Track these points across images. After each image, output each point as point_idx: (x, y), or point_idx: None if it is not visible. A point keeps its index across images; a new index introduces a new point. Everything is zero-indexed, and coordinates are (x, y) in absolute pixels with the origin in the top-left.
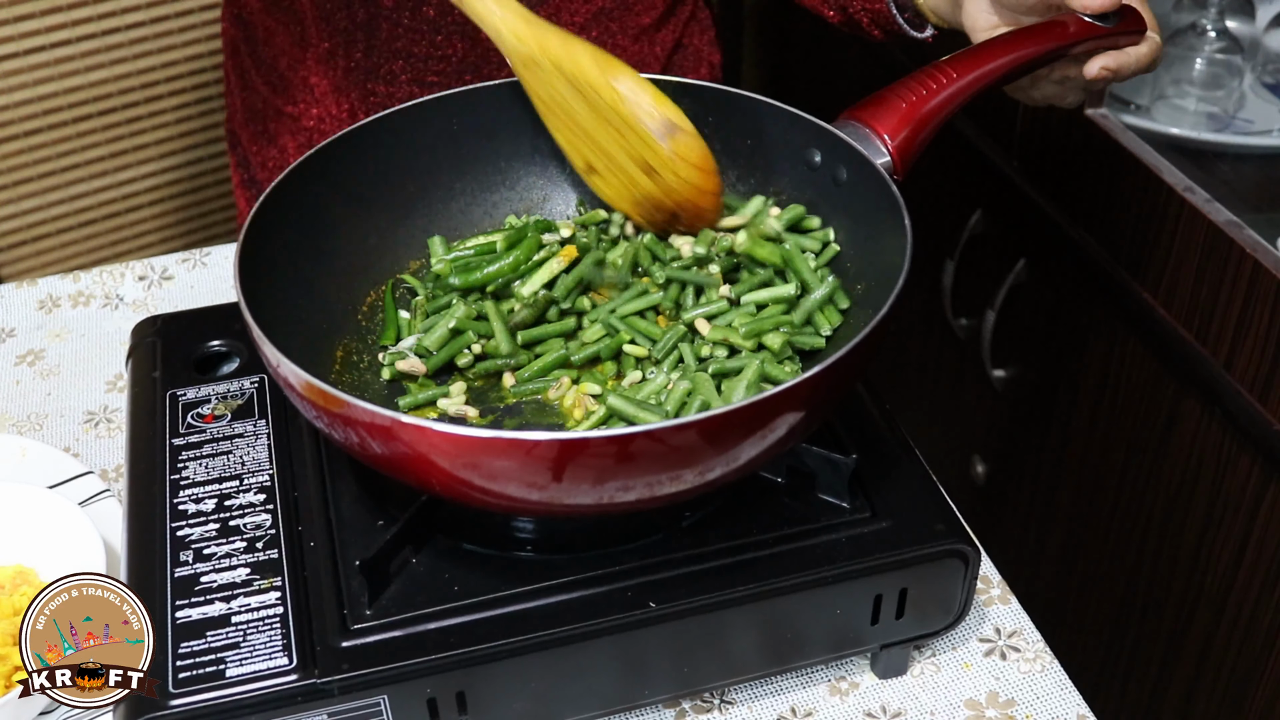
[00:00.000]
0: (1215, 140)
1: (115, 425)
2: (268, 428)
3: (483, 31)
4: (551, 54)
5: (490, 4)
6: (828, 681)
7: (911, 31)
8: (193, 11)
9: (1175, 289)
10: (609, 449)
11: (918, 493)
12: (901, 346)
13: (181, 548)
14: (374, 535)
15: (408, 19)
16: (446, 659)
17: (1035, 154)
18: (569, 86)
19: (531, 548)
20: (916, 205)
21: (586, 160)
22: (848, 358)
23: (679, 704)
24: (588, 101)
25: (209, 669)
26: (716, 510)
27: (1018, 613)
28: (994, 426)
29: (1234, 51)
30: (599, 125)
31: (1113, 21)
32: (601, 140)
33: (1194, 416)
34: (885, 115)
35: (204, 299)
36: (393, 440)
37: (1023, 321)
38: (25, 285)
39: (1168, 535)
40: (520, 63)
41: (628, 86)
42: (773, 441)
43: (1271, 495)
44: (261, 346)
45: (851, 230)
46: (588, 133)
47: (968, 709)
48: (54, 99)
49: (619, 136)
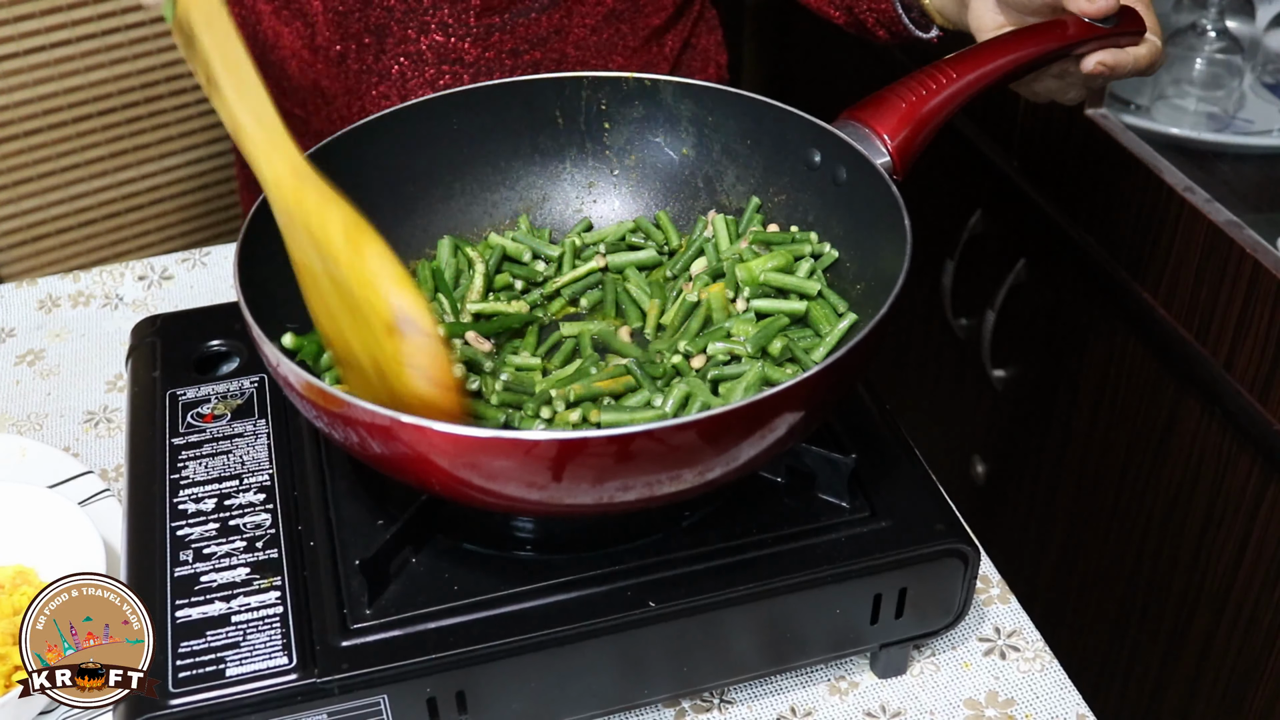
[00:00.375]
0: (1215, 140)
1: (115, 425)
2: (268, 427)
3: (494, 34)
4: (305, 209)
5: (261, 145)
6: (827, 681)
7: (917, 32)
8: None
9: (1175, 289)
10: (609, 449)
11: (918, 493)
12: (901, 346)
13: (181, 547)
14: (374, 535)
15: (419, 23)
16: (446, 659)
17: (1035, 154)
18: (315, 252)
19: (531, 547)
20: (916, 205)
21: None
22: (847, 358)
23: (679, 704)
24: (329, 274)
25: (209, 669)
26: (716, 510)
27: (1017, 612)
28: (994, 426)
29: (1234, 51)
30: (340, 305)
31: (1112, 23)
32: (341, 323)
33: (1194, 416)
34: (885, 115)
35: (204, 299)
36: (393, 440)
37: (1023, 321)
38: (25, 285)
39: (1168, 535)
40: (277, 212)
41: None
42: (772, 441)
43: (1271, 495)
44: (261, 346)
45: (851, 230)
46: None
47: (967, 708)
48: (54, 99)
49: (355, 322)
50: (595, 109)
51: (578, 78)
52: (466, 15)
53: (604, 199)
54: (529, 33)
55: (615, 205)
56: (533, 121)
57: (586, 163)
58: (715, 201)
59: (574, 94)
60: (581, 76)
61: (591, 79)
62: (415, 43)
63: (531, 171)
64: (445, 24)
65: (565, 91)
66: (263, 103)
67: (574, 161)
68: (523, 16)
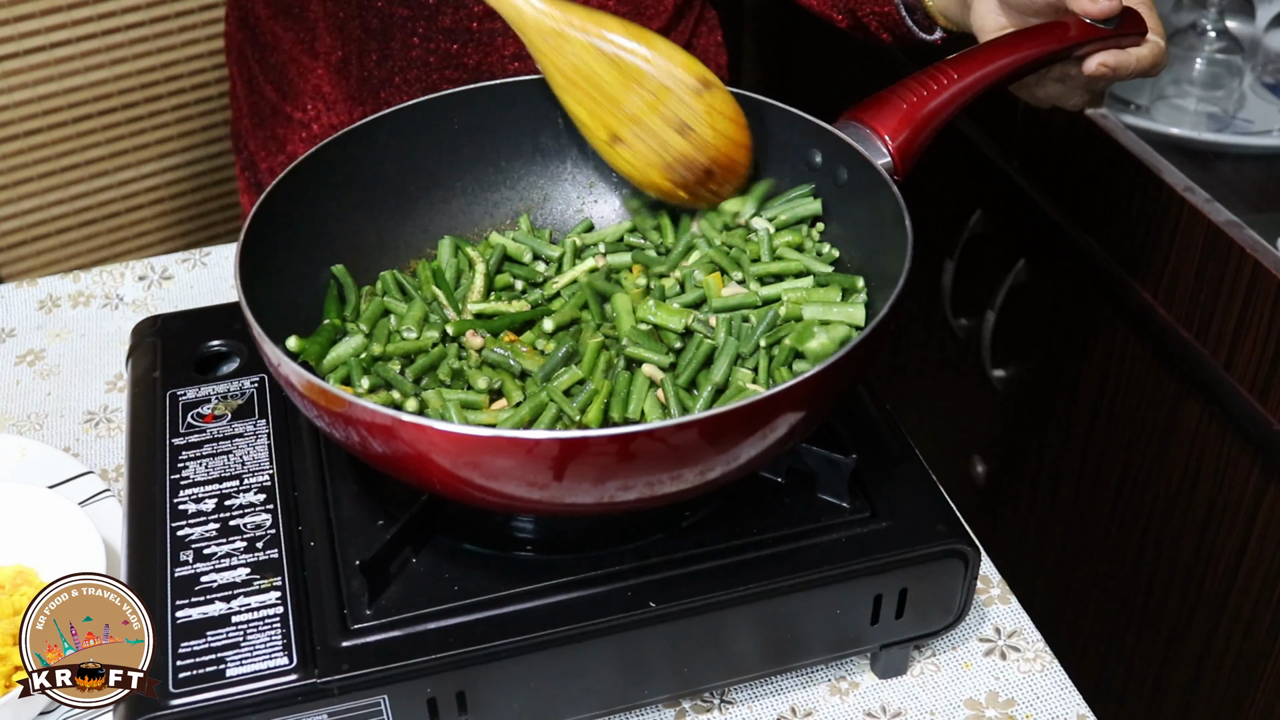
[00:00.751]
0: (1215, 140)
1: (115, 425)
2: (268, 428)
3: (496, 39)
4: (579, 24)
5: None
6: (828, 681)
7: (920, 34)
8: (193, 11)
9: (1175, 289)
10: (609, 448)
11: (918, 493)
12: (901, 346)
13: (181, 548)
14: (374, 535)
15: (423, 28)
16: (446, 659)
17: (1035, 154)
18: (597, 55)
19: (531, 548)
20: (916, 205)
21: (610, 130)
22: (848, 358)
23: (679, 704)
24: (618, 68)
25: (209, 669)
26: (716, 510)
27: (1017, 613)
28: (994, 426)
29: (1234, 51)
30: (628, 91)
31: (1114, 24)
32: (631, 106)
33: (1194, 416)
34: (886, 116)
35: (204, 299)
36: (393, 439)
37: (1023, 321)
38: (25, 285)
39: (1168, 535)
40: (541, 36)
41: (659, 49)
42: (773, 441)
43: (1271, 495)
44: (262, 346)
45: (851, 231)
46: (615, 100)
47: (968, 709)
48: (54, 99)
49: (652, 99)
50: None
51: None
52: (468, 21)
53: (605, 199)
54: None
55: (616, 206)
56: (534, 121)
57: (588, 163)
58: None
59: None
60: None
61: None
62: (416, 48)
63: (533, 172)
64: (446, 29)
65: None
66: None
67: (575, 162)
68: None
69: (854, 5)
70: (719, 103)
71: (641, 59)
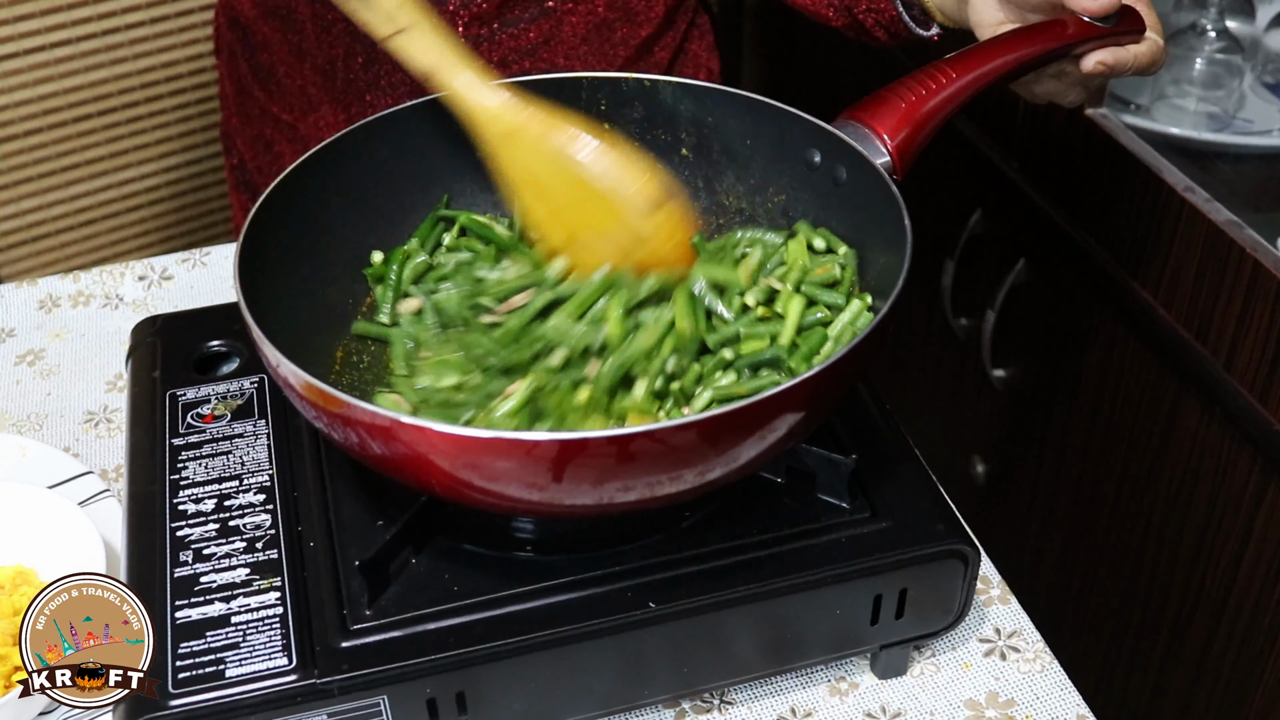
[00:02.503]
0: (1215, 140)
1: (115, 425)
2: (268, 428)
3: (482, 45)
4: (535, 128)
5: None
6: (828, 682)
7: (917, 30)
8: (193, 11)
9: (1175, 289)
10: (609, 449)
11: (918, 493)
12: (901, 346)
13: (181, 548)
14: (374, 535)
15: None
16: (446, 659)
17: (1035, 154)
18: (549, 161)
19: (531, 548)
20: (916, 205)
21: (565, 232)
22: (847, 358)
23: (679, 704)
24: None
25: (209, 669)
26: (716, 510)
27: (1017, 613)
28: (994, 426)
29: (1234, 51)
30: (583, 200)
31: (1112, 22)
32: (587, 214)
33: (1194, 416)
34: (885, 115)
35: (204, 299)
36: (393, 440)
37: (1023, 321)
38: (25, 285)
39: (1168, 535)
40: (498, 137)
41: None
42: (773, 441)
43: (1271, 495)
44: (261, 346)
45: (851, 231)
46: (570, 207)
47: (968, 709)
48: (54, 99)
49: (606, 211)
50: (595, 110)
51: (577, 78)
52: (454, 26)
53: None
54: (518, 43)
55: None
56: None
57: None
58: (715, 202)
59: (573, 95)
60: (581, 77)
61: (591, 79)
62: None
63: None
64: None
65: (564, 92)
66: (459, 45)
67: None
68: (512, 26)
69: (850, 3)
70: (674, 216)
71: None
